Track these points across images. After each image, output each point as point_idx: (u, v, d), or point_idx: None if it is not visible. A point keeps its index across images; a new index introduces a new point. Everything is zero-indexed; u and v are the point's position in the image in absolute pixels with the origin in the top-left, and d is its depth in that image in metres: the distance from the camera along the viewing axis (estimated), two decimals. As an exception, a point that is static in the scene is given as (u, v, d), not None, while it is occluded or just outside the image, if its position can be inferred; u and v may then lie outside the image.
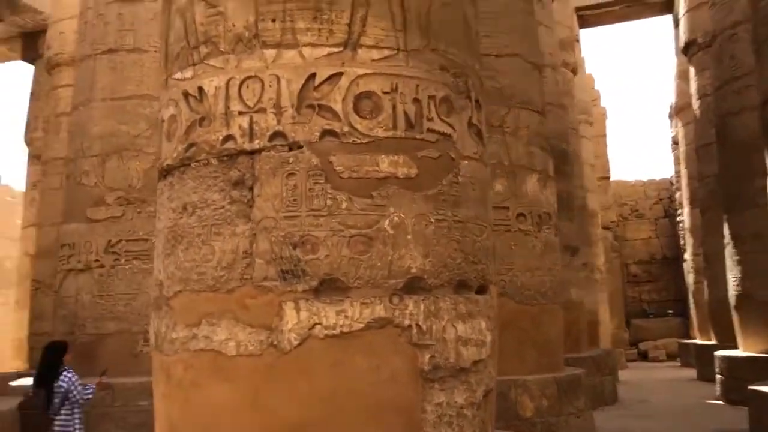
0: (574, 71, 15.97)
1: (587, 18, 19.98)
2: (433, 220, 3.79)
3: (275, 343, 3.55)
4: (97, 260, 8.95)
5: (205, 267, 3.75)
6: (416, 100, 3.86)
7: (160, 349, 3.98)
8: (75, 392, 6.02)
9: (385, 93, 3.79)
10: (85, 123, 9.39)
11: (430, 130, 3.88)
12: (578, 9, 18.79)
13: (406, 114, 3.82)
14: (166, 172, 4.17)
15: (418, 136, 3.84)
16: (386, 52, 3.84)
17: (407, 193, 3.75)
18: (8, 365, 19.77)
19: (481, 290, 4.08)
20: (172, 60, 4.21)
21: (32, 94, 20.72)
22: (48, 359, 5.97)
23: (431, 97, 3.92)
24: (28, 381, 9.24)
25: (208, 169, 3.86)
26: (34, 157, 19.96)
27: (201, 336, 3.72)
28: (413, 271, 3.68)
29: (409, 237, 3.71)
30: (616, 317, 22.18)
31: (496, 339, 4.14)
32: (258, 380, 3.57)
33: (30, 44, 20.74)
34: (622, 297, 24.09)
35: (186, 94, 4.00)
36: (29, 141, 20.43)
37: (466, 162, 4.07)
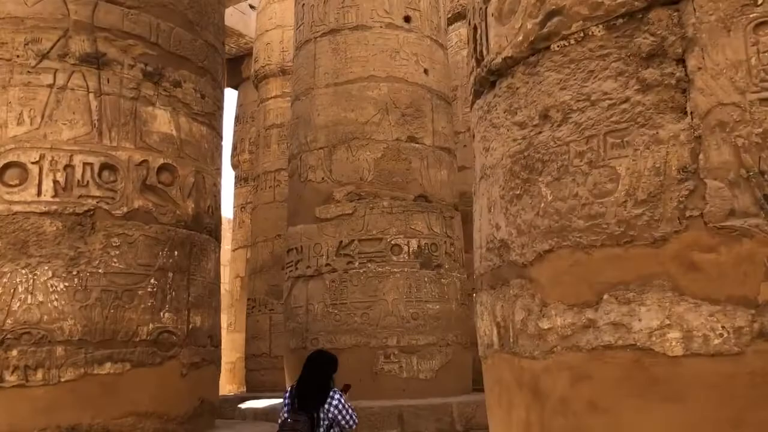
0: None
1: None
2: None
3: (769, 331, 1.87)
4: (328, 264, 7.84)
5: (601, 204, 2.18)
6: None
7: (512, 349, 2.46)
8: (348, 419, 4.72)
9: None
10: (307, 113, 8.44)
11: None
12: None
13: None
14: (497, 74, 2.69)
15: None
16: None
17: None
18: (224, 389, 19.85)
19: None
20: None
21: (237, 117, 21.05)
22: (316, 376, 4.70)
23: None
24: (258, 403, 8.31)
25: (587, 46, 2.32)
26: (242, 180, 20.11)
27: (604, 324, 2.13)
28: None
29: None
30: None
31: None
32: (738, 403, 1.90)
33: (234, 70, 21.11)
34: None
35: (534, -63, 2.49)
36: (236, 164, 20.67)
37: None
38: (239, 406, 8.36)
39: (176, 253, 4.83)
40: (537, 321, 2.34)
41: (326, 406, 4.46)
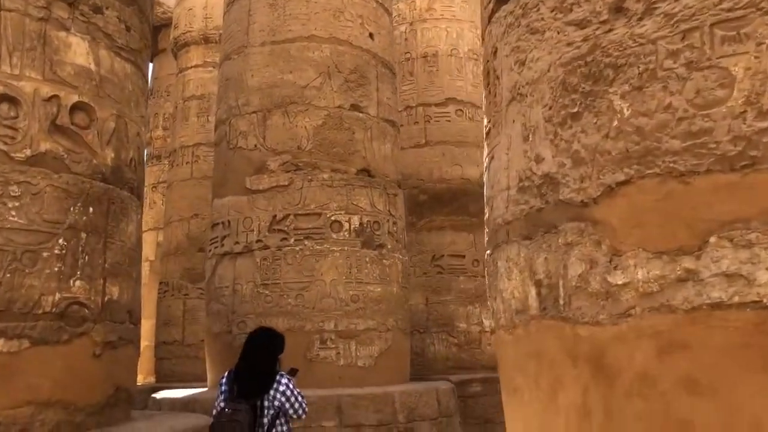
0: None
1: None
2: None
3: None
4: (259, 241, 7.08)
5: (706, 117, 1.65)
6: None
7: (562, 313, 1.89)
8: (297, 407, 4.03)
9: None
10: (239, 74, 7.63)
11: None
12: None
13: None
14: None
15: None
16: None
17: None
18: (129, 378, 18.52)
19: None
20: None
21: (150, 91, 19.74)
22: (260, 358, 4.07)
23: None
24: (174, 393, 7.47)
25: None
26: (154, 158, 18.81)
27: (711, 275, 1.60)
28: None
29: None
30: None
31: None
32: None
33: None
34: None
35: None
36: (148, 141, 19.34)
37: None
38: (153, 395, 7.46)
39: (91, 210, 4.00)
40: (605, 275, 1.78)
41: (271, 392, 3.78)
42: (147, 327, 16.09)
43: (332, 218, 7.11)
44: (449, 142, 11.07)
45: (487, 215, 2.44)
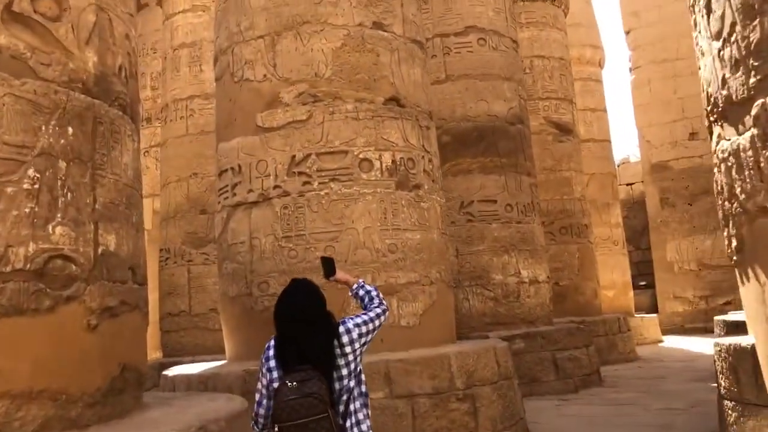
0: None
1: None
2: None
3: None
4: (277, 186, 6.01)
5: None
6: None
7: None
8: (374, 317, 3.07)
9: None
10: (240, -6, 6.52)
11: None
12: None
13: None
14: None
15: None
16: None
17: None
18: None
19: None
20: None
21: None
22: (310, 310, 2.87)
23: None
24: (190, 369, 6.50)
25: None
26: (144, 120, 17.55)
27: None
28: None
29: None
30: None
31: None
32: None
33: None
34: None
35: None
36: (137, 103, 18.06)
37: None
38: (165, 373, 6.49)
39: (71, 130, 2.94)
40: None
41: (348, 349, 2.84)
42: (150, 299, 15.14)
43: (360, 156, 6.05)
44: (472, 76, 9.97)
45: (741, 41, 1.40)
